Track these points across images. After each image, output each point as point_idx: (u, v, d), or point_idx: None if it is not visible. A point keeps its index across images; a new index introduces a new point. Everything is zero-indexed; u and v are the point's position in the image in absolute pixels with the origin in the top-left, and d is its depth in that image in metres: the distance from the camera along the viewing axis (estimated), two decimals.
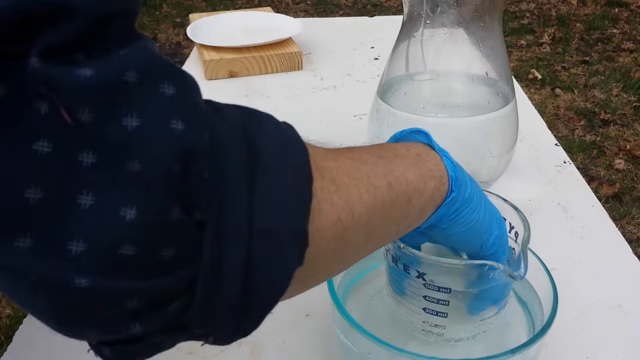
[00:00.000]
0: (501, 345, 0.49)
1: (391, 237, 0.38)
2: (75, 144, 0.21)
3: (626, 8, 3.45)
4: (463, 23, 0.64)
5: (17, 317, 1.54)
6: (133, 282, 0.23)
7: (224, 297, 0.25)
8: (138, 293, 0.23)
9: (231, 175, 0.25)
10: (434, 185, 0.38)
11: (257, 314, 0.28)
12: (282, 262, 0.27)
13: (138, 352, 0.26)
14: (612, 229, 0.70)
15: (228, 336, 0.28)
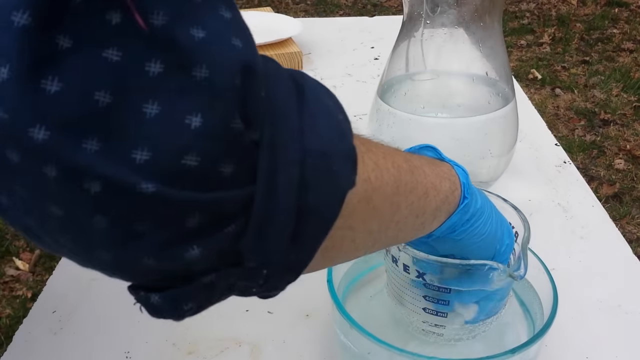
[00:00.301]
0: (501, 345, 0.49)
1: (408, 231, 0.37)
2: (143, 53, 0.21)
3: (626, 8, 3.44)
4: (463, 23, 0.64)
5: (17, 317, 1.54)
6: (195, 194, 0.22)
7: (278, 220, 0.25)
8: (199, 208, 0.23)
9: (283, 98, 0.25)
10: (449, 186, 0.38)
11: (309, 242, 0.27)
12: (336, 182, 0.27)
13: (190, 295, 0.26)
14: (612, 229, 0.70)
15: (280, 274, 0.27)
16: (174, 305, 0.26)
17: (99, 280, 0.63)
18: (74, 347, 0.55)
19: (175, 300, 0.26)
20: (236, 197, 0.24)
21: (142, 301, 0.27)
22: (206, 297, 0.27)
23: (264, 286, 0.28)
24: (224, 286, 0.27)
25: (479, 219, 0.40)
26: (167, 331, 0.56)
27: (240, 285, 0.27)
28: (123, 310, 0.59)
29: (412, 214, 0.35)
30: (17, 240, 1.84)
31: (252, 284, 0.27)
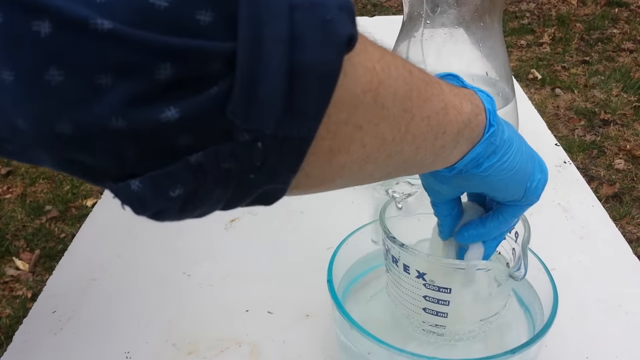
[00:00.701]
0: (501, 345, 0.49)
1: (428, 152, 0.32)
2: None
3: (626, 8, 3.44)
4: (463, 23, 0.64)
5: (17, 317, 1.54)
6: (165, 37, 0.19)
7: (267, 81, 0.21)
8: (170, 55, 0.19)
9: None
10: (471, 109, 0.34)
11: (309, 110, 0.23)
12: (331, 31, 0.22)
13: (175, 178, 0.22)
14: (612, 229, 0.70)
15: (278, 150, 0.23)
16: (159, 191, 0.22)
17: (99, 280, 0.63)
18: (74, 347, 0.55)
19: (159, 184, 0.22)
20: (215, 49, 0.20)
21: (122, 193, 0.22)
22: (195, 183, 0.22)
23: (264, 171, 0.24)
24: (217, 173, 0.22)
25: (507, 151, 0.36)
26: (167, 331, 0.56)
27: (236, 170, 0.23)
28: (123, 310, 0.59)
29: (430, 131, 0.31)
30: (17, 240, 1.84)
31: (248, 167, 0.23)
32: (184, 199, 0.23)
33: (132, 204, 0.23)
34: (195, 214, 0.25)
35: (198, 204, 0.24)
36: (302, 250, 0.66)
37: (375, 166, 0.30)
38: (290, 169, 0.24)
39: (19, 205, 1.98)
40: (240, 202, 0.25)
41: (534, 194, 0.40)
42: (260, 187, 0.25)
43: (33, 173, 2.16)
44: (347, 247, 0.51)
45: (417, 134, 0.30)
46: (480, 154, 0.35)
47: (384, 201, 0.50)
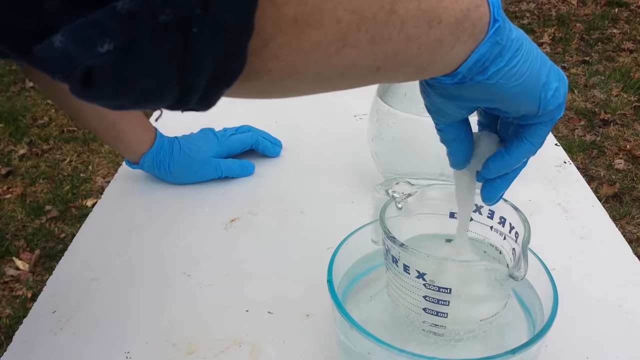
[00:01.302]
0: (501, 345, 0.49)
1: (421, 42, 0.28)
2: None
3: (626, 8, 3.44)
4: None
5: (17, 317, 1.54)
6: None
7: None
8: None
9: None
10: (465, 5, 0.30)
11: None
12: None
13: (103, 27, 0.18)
14: (612, 229, 0.70)
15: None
16: (85, 44, 0.19)
17: (99, 280, 0.63)
18: (74, 347, 0.55)
19: (84, 36, 0.19)
20: None
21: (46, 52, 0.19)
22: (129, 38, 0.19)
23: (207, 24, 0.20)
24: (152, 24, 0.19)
25: (516, 53, 0.32)
26: (167, 331, 0.56)
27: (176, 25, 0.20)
28: (123, 310, 0.59)
29: (422, 16, 0.27)
30: (17, 240, 1.84)
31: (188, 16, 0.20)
32: (116, 56, 0.19)
33: (57, 63, 0.19)
34: (138, 85, 0.21)
35: (138, 67, 0.20)
36: (302, 250, 0.66)
37: (358, 52, 0.26)
38: (241, 21, 0.21)
39: (19, 205, 1.98)
40: (194, 75, 0.21)
41: (552, 105, 0.35)
42: (208, 49, 0.21)
43: (33, 173, 2.16)
44: (347, 247, 0.51)
45: (406, 17, 0.27)
46: (485, 54, 0.31)
47: (384, 201, 0.50)
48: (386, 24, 0.26)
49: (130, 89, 0.20)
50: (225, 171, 0.79)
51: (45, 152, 2.29)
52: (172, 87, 0.21)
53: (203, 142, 0.80)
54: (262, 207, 0.75)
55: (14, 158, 2.26)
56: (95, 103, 0.21)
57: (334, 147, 0.86)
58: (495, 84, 0.32)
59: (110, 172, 2.13)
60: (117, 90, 0.20)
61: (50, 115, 2.55)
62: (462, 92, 0.34)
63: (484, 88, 0.33)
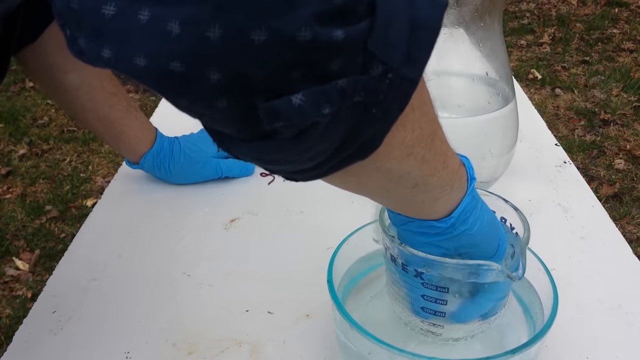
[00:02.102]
0: (501, 345, 0.49)
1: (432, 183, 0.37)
2: None
3: (626, 8, 3.45)
4: (463, 23, 0.64)
5: (17, 317, 1.54)
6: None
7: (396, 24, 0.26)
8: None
9: None
10: (458, 162, 0.38)
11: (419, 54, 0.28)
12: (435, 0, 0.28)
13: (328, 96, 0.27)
14: (612, 229, 0.70)
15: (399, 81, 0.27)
16: (317, 105, 0.25)
17: (99, 280, 0.63)
18: (74, 347, 0.55)
19: (316, 100, 0.25)
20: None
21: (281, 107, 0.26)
22: (338, 104, 0.26)
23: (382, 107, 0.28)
24: (351, 96, 0.26)
25: (481, 206, 0.40)
26: (167, 331, 0.56)
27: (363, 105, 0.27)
28: (123, 310, 0.59)
29: (441, 155, 0.36)
30: (17, 240, 1.84)
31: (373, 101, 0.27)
32: (330, 118, 0.26)
33: (291, 117, 0.25)
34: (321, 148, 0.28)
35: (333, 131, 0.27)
36: (302, 250, 0.66)
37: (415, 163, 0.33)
38: (399, 109, 0.28)
39: (19, 205, 1.98)
40: (348, 147, 0.29)
41: (502, 252, 0.43)
42: (373, 126, 0.28)
43: (33, 173, 2.16)
44: (347, 247, 0.51)
45: (436, 150, 0.35)
46: (467, 205, 0.39)
47: None
48: (430, 149, 0.34)
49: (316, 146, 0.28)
50: (226, 171, 0.79)
51: (45, 152, 2.30)
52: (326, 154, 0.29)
53: (203, 142, 0.80)
54: (262, 207, 0.75)
55: (14, 158, 2.26)
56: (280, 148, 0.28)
57: None
58: (474, 232, 0.40)
59: (110, 172, 2.13)
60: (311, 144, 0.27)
61: (50, 115, 2.55)
62: (448, 241, 0.41)
63: (466, 236, 0.40)
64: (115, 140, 0.75)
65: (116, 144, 0.76)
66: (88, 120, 0.73)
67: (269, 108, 0.25)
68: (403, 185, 0.36)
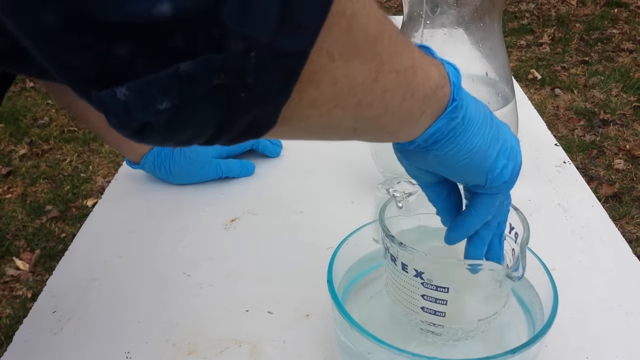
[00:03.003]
0: (501, 345, 0.49)
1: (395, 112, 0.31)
2: None
3: (626, 8, 3.45)
4: (463, 23, 0.64)
5: (17, 317, 1.54)
6: None
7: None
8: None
9: None
10: (437, 77, 0.33)
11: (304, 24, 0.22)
12: None
13: (164, 87, 0.21)
14: (612, 229, 0.70)
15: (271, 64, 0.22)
16: (146, 101, 0.21)
17: (99, 280, 0.63)
18: (74, 347, 0.55)
19: (146, 93, 0.21)
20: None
21: (107, 101, 0.21)
22: (185, 98, 0.21)
23: (255, 91, 0.22)
24: (207, 87, 0.21)
25: (467, 129, 0.35)
26: (167, 331, 0.56)
27: (227, 88, 0.22)
28: (123, 310, 0.59)
29: (399, 87, 0.30)
30: (17, 240, 1.84)
31: (240, 84, 0.22)
32: (171, 113, 0.21)
33: (117, 113, 0.21)
34: (182, 137, 0.23)
35: (186, 124, 0.22)
36: (302, 250, 0.66)
37: (344, 114, 0.28)
38: (283, 90, 0.23)
39: (19, 205, 1.98)
40: (230, 129, 0.24)
41: (497, 181, 0.38)
42: (250, 111, 0.23)
43: (33, 173, 2.16)
44: (347, 247, 0.51)
45: (387, 87, 0.29)
46: (440, 129, 0.34)
47: (385, 200, 0.50)
48: (371, 91, 0.29)
49: (174, 139, 0.23)
50: (226, 171, 0.79)
51: (45, 152, 2.30)
52: (208, 134, 0.24)
53: None
54: (262, 207, 0.75)
55: (14, 158, 2.26)
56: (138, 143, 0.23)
57: (334, 147, 0.86)
58: (444, 155, 0.36)
59: (111, 172, 2.13)
60: (164, 139, 0.23)
61: (51, 115, 2.55)
62: (416, 156, 0.37)
63: (436, 157, 0.36)
64: (116, 141, 0.76)
65: (117, 144, 0.76)
66: (89, 120, 0.73)
67: (97, 99, 0.21)
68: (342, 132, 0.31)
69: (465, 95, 0.36)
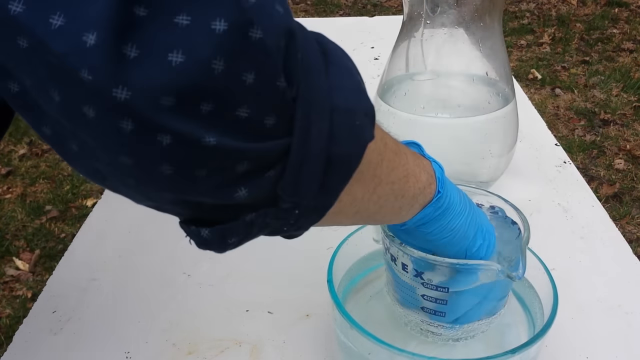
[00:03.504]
0: (501, 345, 0.49)
1: (387, 211, 0.39)
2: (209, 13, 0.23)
3: (626, 8, 3.44)
4: (463, 23, 0.64)
5: (17, 317, 1.54)
6: (245, 143, 0.25)
7: (311, 167, 0.28)
8: (248, 156, 0.26)
9: (314, 59, 0.28)
10: (426, 179, 0.40)
11: (334, 188, 0.30)
12: (358, 135, 0.30)
13: (234, 231, 0.30)
14: (612, 229, 0.70)
15: (308, 215, 0.31)
16: (221, 239, 0.30)
17: (99, 280, 0.63)
18: (74, 347, 0.55)
19: (222, 235, 0.30)
20: (277, 146, 0.27)
21: (193, 234, 0.30)
22: (246, 233, 0.30)
23: (294, 225, 0.31)
24: (261, 223, 0.30)
25: (449, 213, 0.41)
26: (167, 331, 0.56)
27: (274, 224, 0.31)
28: (123, 310, 0.59)
29: (392, 194, 0.37)
30: (17, 240, 1.84)
31: (284, 223, 0.31)
32: (236, 245, 0.31)
33: (198, 242, 0.31)
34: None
35: (241, 243, 0.32)
36: (302, 250, 0.66)
37: (345, 218, 0.36)
38: (312, 223, 0.32)
39: (19, 205, 1.98)
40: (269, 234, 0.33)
41: (476, 257, 0.43)
42: (286, 233, 0.33)
43: (33, 173, 2.16)
44: (347, 247, 0.51)
45: (382, 195, 0.36)
46: (427, 215, 0.40)
47: None
48: (368, 201, 0.35)
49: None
50: None
51: (45, 152, 2.30)
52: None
53: None
54: None
55: (14, 158, 2.26)
56: None
57: None
58: (430, 233, 0.42)
59: None
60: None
61: None
62: (408, 235, 0.43)
63: (422, 234, 0.42)
64: None
65: None
66: None
67: (186, 229, 0.31)
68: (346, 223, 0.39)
69: (449, 185, 0.42)
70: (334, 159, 0.29)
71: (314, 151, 0.28)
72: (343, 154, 0.29)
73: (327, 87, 0.28)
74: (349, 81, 0.30)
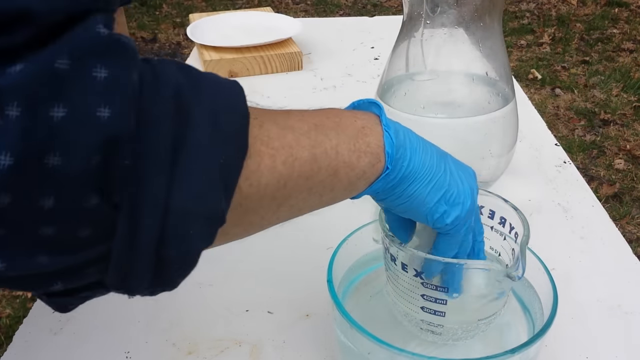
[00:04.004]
0: (501, 345, 0.49)
1: (313, 206, 0.39)
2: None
3: (626, 8, 3.45)
4: (463, 23, 0.64)
5: (17, 317, 1.54)
6: (52, 257, 0.25)
7: (137, 268, 0.28)
8: (60, 276, 0.27)
9: (154, 158, 0.26)
10: (368, 161, 0.39)
11: (172, 280, 0.30)
12: (190, 243, 0.29)
13: (72, 302, 0.31)
14: (612, 229, 0.70)
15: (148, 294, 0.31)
16: (62, 308, 0.31)
17: None
18: (74, 347, 0.55)
19: (62, 305, 0.31)
20: (94, 253, 0.27)
21: (44, 301, 0.31)
22: (84, 301, 0.31)
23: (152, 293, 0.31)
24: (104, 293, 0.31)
25: (403, 183, 0.40)
26: (167, 331, 0.56)
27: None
28: (123, 310, 0.59)
29: (314, 195, 0.37)
30: None
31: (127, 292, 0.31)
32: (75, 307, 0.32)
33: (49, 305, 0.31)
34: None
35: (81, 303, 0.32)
36: (302, 250, 0.66)
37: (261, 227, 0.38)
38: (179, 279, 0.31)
39: None
40: None
41: (440, 224, 0.42)
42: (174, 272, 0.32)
43: None
44: (347, 247, 0.51)
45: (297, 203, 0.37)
46: (377, 189, 0.40)
47: None
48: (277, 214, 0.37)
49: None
50: None
51: None
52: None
53: None
54: None
55: None
56: None
57: None
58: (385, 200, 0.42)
59: None
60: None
61: None
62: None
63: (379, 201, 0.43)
64: None
65: None
66: None
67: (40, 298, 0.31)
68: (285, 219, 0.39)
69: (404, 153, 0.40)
70: (166, 260, 0.28)
71: (140, 254, 0.27)
72: (175, 257, 0.28)
73: (165, 187, 0.27)
74: (198, 178, 0.28)
